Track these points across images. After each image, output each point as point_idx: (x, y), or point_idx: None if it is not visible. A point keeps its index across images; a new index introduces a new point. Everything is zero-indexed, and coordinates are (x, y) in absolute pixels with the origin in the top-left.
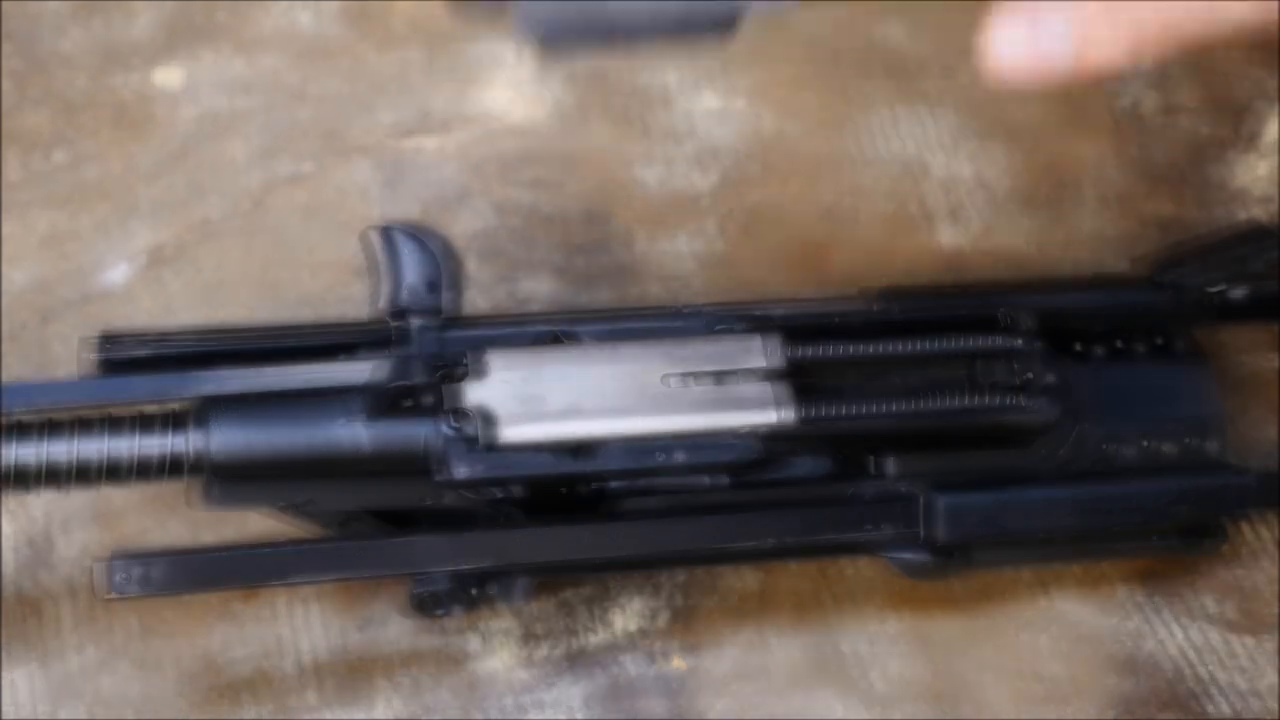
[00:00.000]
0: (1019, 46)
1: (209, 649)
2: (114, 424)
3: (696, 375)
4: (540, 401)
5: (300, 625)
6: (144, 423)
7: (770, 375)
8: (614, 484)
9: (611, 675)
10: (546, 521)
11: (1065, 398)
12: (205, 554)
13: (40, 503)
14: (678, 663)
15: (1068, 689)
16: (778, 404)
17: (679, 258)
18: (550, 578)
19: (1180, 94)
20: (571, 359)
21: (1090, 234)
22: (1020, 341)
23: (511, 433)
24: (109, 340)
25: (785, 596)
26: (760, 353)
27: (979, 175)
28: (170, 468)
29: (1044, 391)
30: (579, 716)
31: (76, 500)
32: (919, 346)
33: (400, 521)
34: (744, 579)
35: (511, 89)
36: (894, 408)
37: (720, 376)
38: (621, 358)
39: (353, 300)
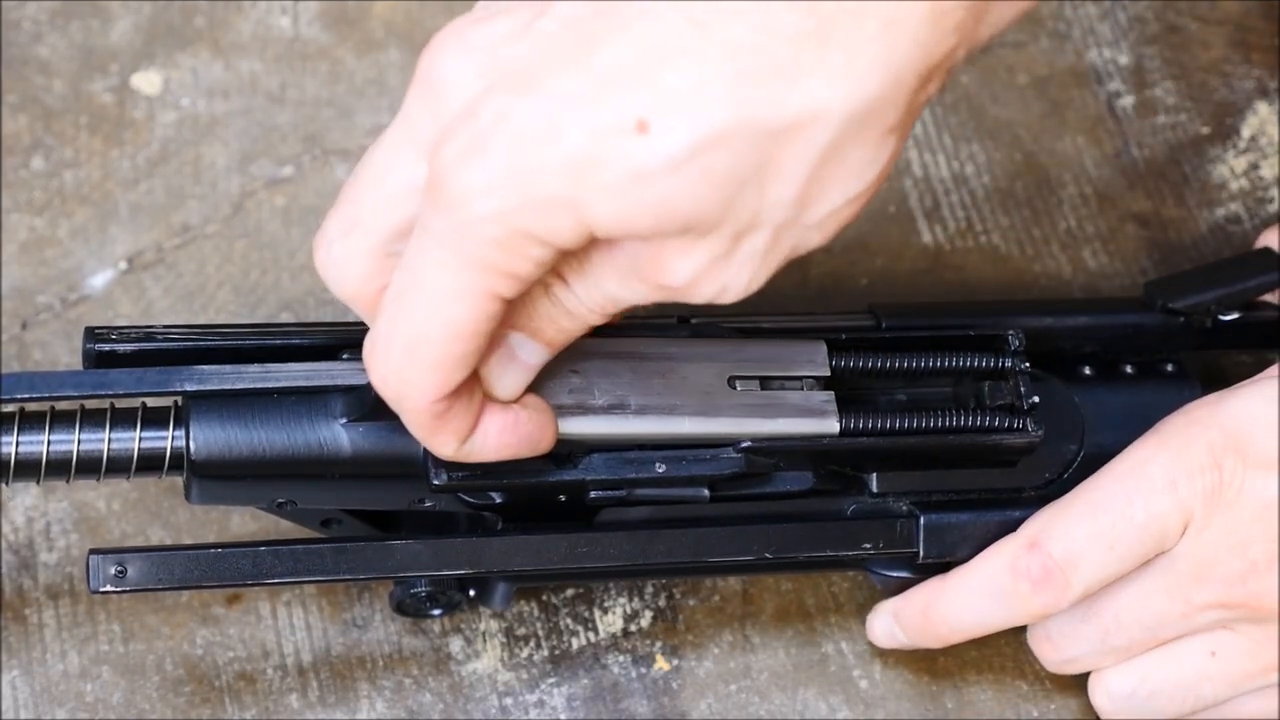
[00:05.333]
0: (883, 636)
1: (192, 653)
2: (94, 418)
3: (748, 378)
4: (589, 394)
5: (284, 628)
6: (125, 418)
7: (818, 384)
8: (595, 493)
9: (595, 677)
10: (525, 530)
11: (1051, 419)
12: (183, 552)
13: (22, 509)
14: (661, 663)
15: (1051, 686)
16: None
17: None
18: (528, 585)
19: (1158, 91)
20: (620, 354)
21: (1068, 231)
22: (1007, 362)
23: (563, 427)
24: (94, 335)
25: (768, 597)
26: (811, 360)
27: (958, 173)
28: (150, 464)
29: (1029, 412)
30: (563, 718)
31: (59, 507)
32: (905, 364)
33: (383, 523)
34: (727, 580)
35: None
36: (884, 424)
37: (767, 381)
38: (673, 355)
39: (333, 303)
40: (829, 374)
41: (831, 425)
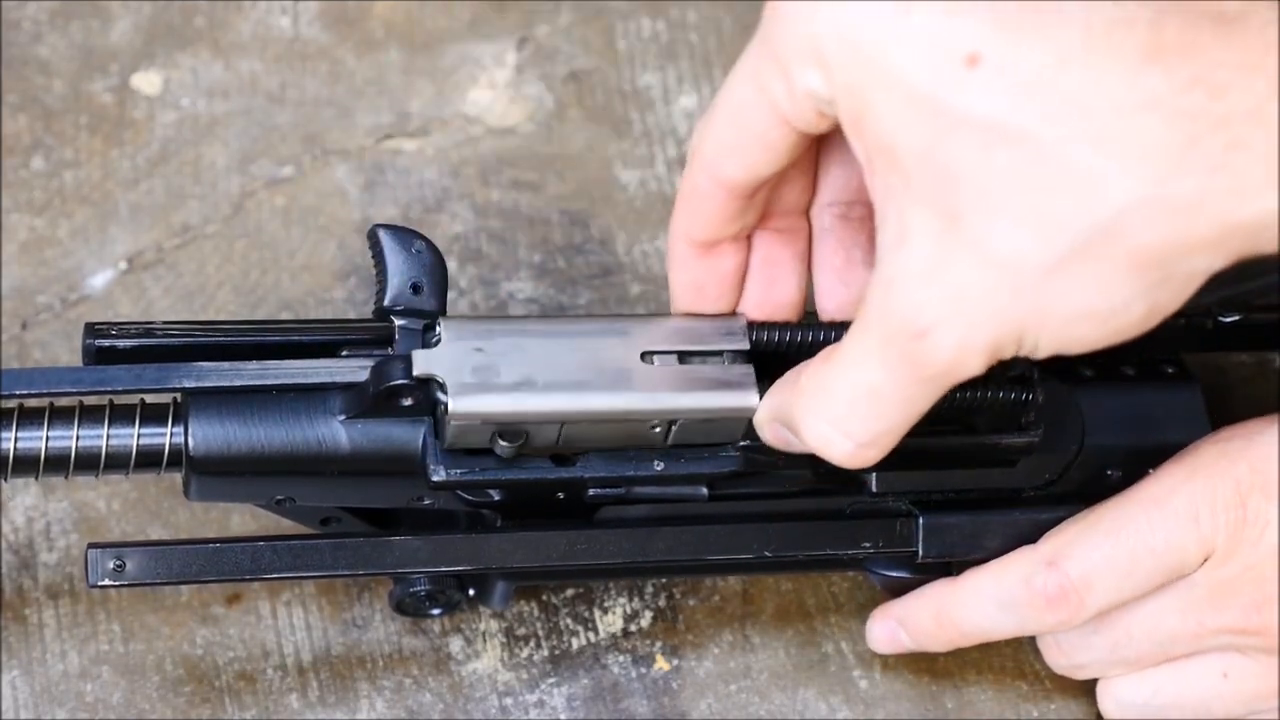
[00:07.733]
0: (885, 641)
1: (192, 653)
2: (93, 414)
3: (665, 353)
4: (494, 372)
5: (284, 628)
6: (124, 414)
7: (738, 358)
8: (594, 491)
9: (595, 676)
10: (524, 527)
11: (1051, 419)
12: (181, 546)
13: (22, 509)
14: (661, 663)
15: (1051, 686)
16: (743, 387)
17: (659, 258)
18: (527, 584)
19: None
20: (528, 332)
21: None
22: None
23: (462, 404)
24: (94, 330)
25: (768, 596)
26: (729, 334)
27: None
28: (149, 460)
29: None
30: (563, 718)
31: (59, 506)
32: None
33: (383, 521)
34: (727, 579)
35: (490, 91)
36: None
37: (685, 356)
38: (585, 331)
39: (333, 303)
40: (748, 347)
41: (751, 399)
